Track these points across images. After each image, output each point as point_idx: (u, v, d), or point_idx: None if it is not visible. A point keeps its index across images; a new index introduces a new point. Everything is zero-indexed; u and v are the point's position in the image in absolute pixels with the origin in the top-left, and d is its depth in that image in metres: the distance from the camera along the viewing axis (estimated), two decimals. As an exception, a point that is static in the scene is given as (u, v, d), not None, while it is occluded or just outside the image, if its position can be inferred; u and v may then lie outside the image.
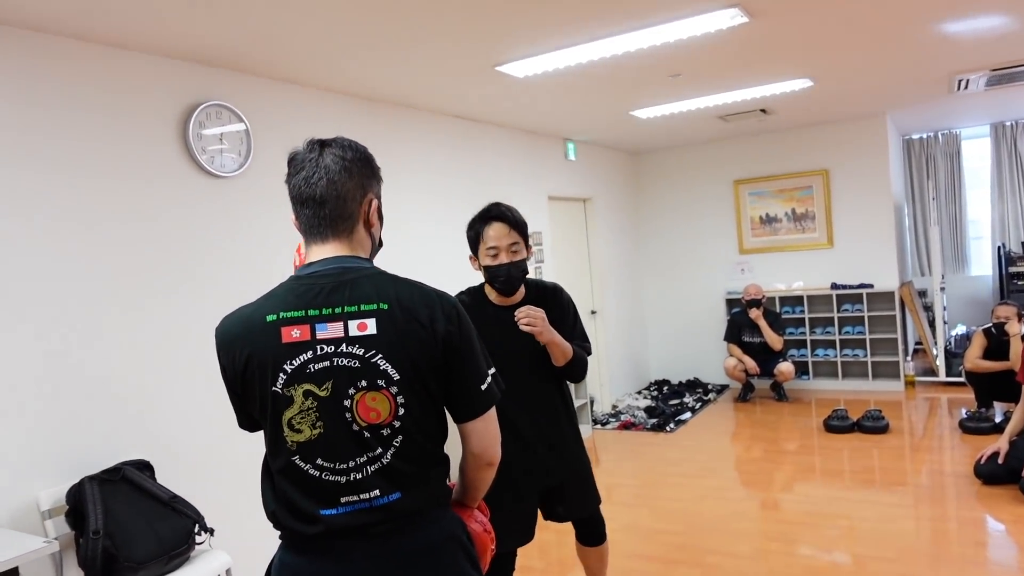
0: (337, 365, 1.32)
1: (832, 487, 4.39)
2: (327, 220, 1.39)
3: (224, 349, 1.37)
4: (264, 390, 1.33)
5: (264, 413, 1.36)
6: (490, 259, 2.34)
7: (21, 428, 2.71)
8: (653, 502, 4.40)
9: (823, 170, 7.11)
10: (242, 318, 1.37)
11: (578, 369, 2.42)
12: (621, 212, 7.65)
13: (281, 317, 1.33)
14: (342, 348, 1.32)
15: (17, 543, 2.37)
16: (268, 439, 1.37)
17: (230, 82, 3.56)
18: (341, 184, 1.38)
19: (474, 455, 1.47)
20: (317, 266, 1.38)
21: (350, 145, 1.43)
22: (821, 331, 7.13)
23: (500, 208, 2.36)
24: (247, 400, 1.38)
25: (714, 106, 5.62)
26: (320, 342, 1.32)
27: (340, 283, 1.35)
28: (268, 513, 1.39)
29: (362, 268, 1.39)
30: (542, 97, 4.80)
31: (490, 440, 1.46)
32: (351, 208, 1.40)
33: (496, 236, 2.33)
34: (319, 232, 1.40)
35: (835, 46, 4.17)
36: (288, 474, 1.35)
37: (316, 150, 1.40)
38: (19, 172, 2.74)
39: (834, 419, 5.61)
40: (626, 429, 6.26)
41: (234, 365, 1.36)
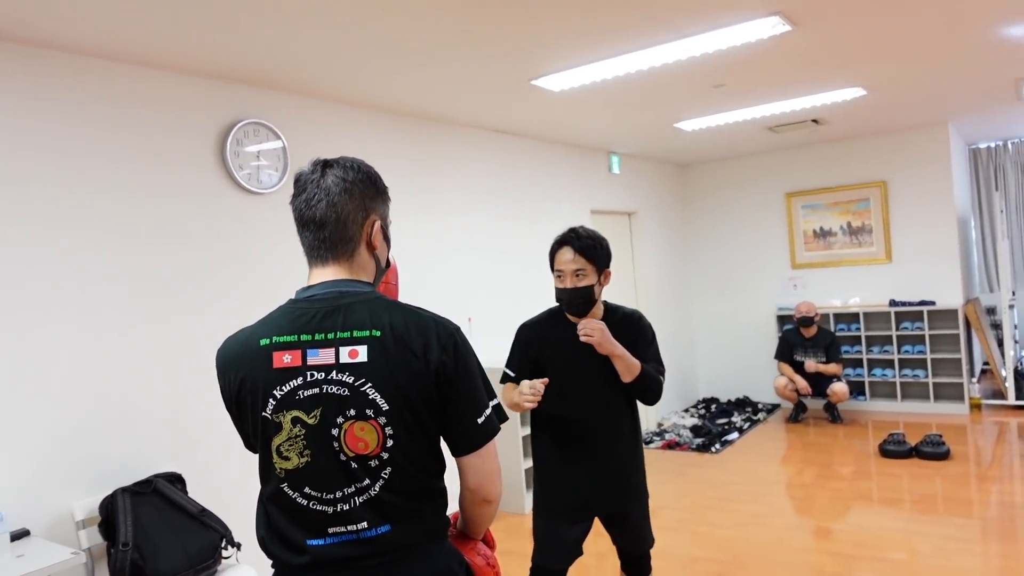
0: (326, 392, 1.28)
1: (888, 517, 4.15)
2: (327, 243, 1.36)
3: (221, 372, 1.36)
4: (255, 415, 1.32)
5: (256, 438, 1.34)
6: (557, 282, 2.39)
7: (58, 440, 2.78)
8: (694, 527, 4.25)
9: (881, 182, 6.82)
10: (239, 341, 1.36)
11: (649, 387, 2.38)
12: (668, 225, 7.50)
13: (274, 341, 1.31)
14: (332, 375, 1.28)
15: (48, 553, 2.42)
16: (260, 464, 1.36)
17: (267, 100, 3.62)
18: (341, 206, 1.35)
19: (470, 491, 1.40)
20: (315, 289, 1.36)
21: (352, 166, 1.38)
22: (879, 350, 6.82)
23: (573, 232, 2.38)
24: (242, 423, 1.37)
25: (762, 117, 5.45)
26: (311, 368, 1.29)
27: (334, 308, 1.32)
28: (258, 539, 1.37)
29: (359, 293, 1.35)
30: (582, 110, 4.74)
31: (486, 476, 1.39)
32: (352, 231, 1.36)
33: (563, 261, 2.36)
34: (319, 255, 1.37)
35: (887, 53, 3.99)
36: (277, 501, 1.33)
37: (319, 171, 1.37)
38: (64, 190, 2.83)
39: (890, 443, 5.34)
40: (670, 449, 6.09)
41: (229, 388, 1.35)
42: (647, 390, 2.38)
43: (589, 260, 2.35)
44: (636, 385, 2.36)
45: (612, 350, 2.30)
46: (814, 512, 4.33)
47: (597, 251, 2.37)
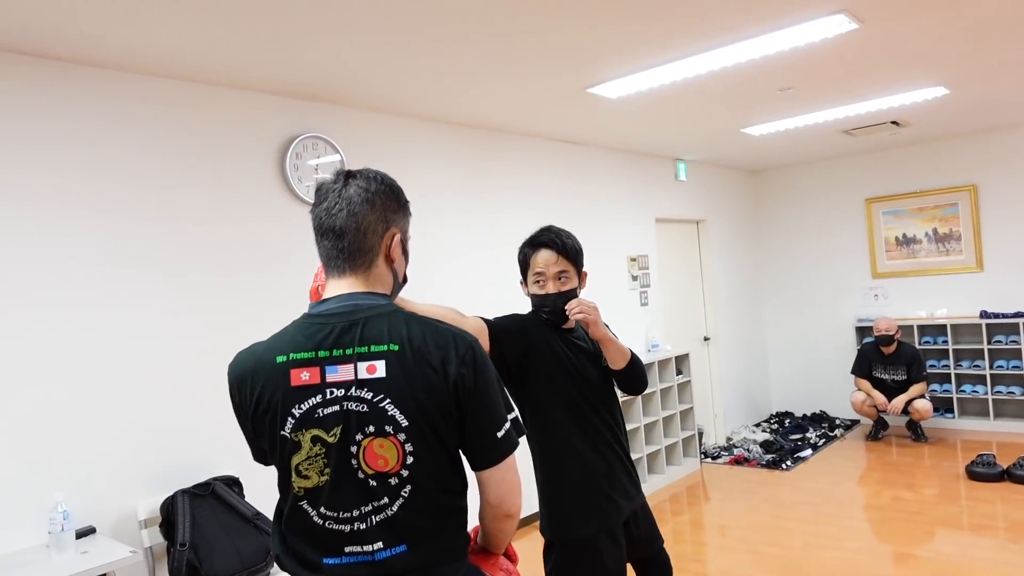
0: (346, 409, 1.26)
1: (976, 544, 3.86)
2: (345, 253, 1.34)
3: (236, 386, 1.34)
4: (273, 432, 1.30)
5: (274, 455, 1.32)
6: (537, 287, 2.22)
7: (126, 443, 2.92)
8: (758, 547, 4.07)
9: (970, 186, 6.40)
10: (254, 356, 1.33)
11: (638, 372, 2.29)
12: (738, 233, 7.27)
13: (291, 359, 1.29)
14: (351, 392, 1.26)
15: (110, 551, 2.53)
16: (279, 482, 1.35)
17: (325, 114, 3.71)
18: (362, 216, 1.33)
19: (491, 506, 1.38)
20: (330, 303, 1.33)
21: (375, 176, 1.38)
22: (968, 364, 6.38)
23: (550, 233, 2.23)
24: (258, 439, 1.35)
25: (835, 120, 5.22)
26: (330, 385, 1.27)
27: (351, 323, 1.29)
28: (274, 556, 1.36)
29: (376, 306, 1.32)
30: (643, 116, 4.65)
31: (507, 490, 1.36)
32: (371, 242, 1.35)
33: (543, 263, 2.20)
34: (337, 265, 1.35)
35: (966, 50, 3.74)
36: (294, 519, 1.32)
37: (341, 181, 1.36)
38: (131, 205, 2.98)
39: (979, 465, 4.98)
40: (738, 464, 5.88)
41: (245, 405, 1.33)
42: (636, 375, 2.28)
43: (571, 261, 2.21)
44: (627, 371, 2.25)
45: (606, 333, 2.20)
46: (892, 536, 4.07)
47: (578, 251, 2.24)
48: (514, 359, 2.16)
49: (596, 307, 2.16)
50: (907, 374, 6.06)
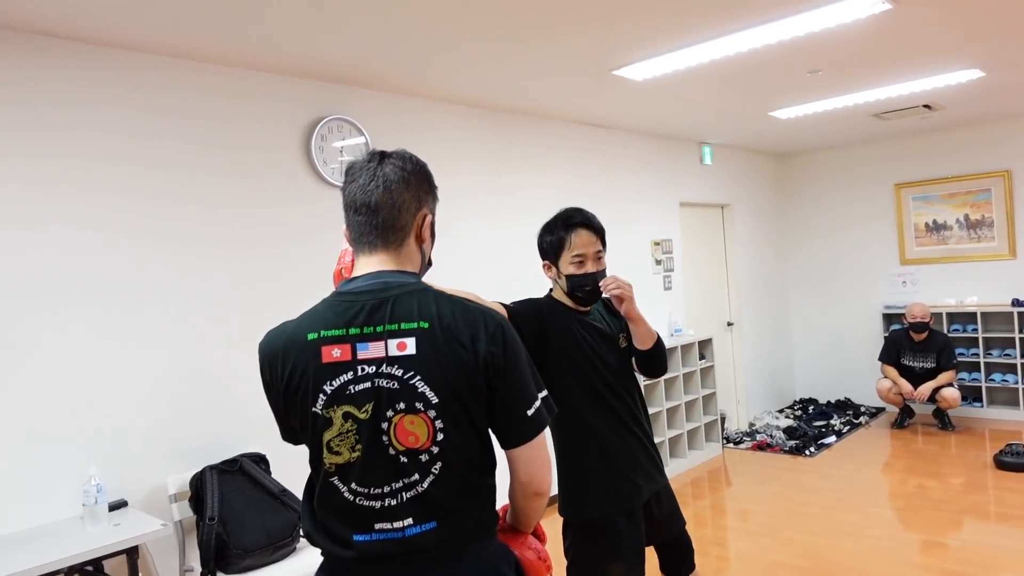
0: (377, 386, 1.27)
1: (1003, 534, 3.82)
2: (378, 229, 1.35)
3: (267, 364, 1.35)
4: (305, 410, 1.30)
5: (305, 433, 1.33)
6: (575, 267, 2.21)
7: (157, 420, 2.98)
8: (779, 532, 4.06)
9: (1004, 171, 6.26)
10: (284, 334, 1.34)
11: (662, 354, 2.32)
12: (763, 218, 7.19)
13: (322, 336, 1.29)
14: (383, 369, 1.27)
15: (141, 524, 2.60)
16: (310, 458, 1.35)
17: (350, 96, 3.72)
18: (398, 194, 1.35)
19: (521, 484, 1.39)
20: (360, 281, 1.34)
21: (410, 158, 1.40)
22: (999, 353, 6.27)
23: (584, 214, 2.25)
24: (289, 417, 1.36)
25: (866, 103, 5.12)
26: (361, 362, 1.27)
27: (382, 300, 1.30)
28: (304, 533, 1.37)
29: (405, 284, 1.33)
30: (668, 100, 4.60)
31: (538, 468, 1.37)
32: (405, 219, 1.36)
33: (584, 243, 2.21)
34: (368, 241, 1.36)
35: (1004, 30, 3.64)
36: (325, 495, 1.32)
37: (376, 160, 1.37)
38: (160, 185, 3.03)
39: (1008, 454, 4.91)
40: (760, 450, 5.85)
41: (277, 381, 1.33)
42: (659, 357, 2.31)
43: (603, 241, 2.26)
44: (652, 352, 2.28)
45: (638, 311, 2.24)
46: (917, 525, 4.04)
47: (605, 233, 2.30)
48: (532, 343, 2.16)
49: (631, 285, 2.20)
50: (936, 362, 5.98)
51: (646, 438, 2.34)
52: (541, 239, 2.32)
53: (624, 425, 2.28)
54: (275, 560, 2.88)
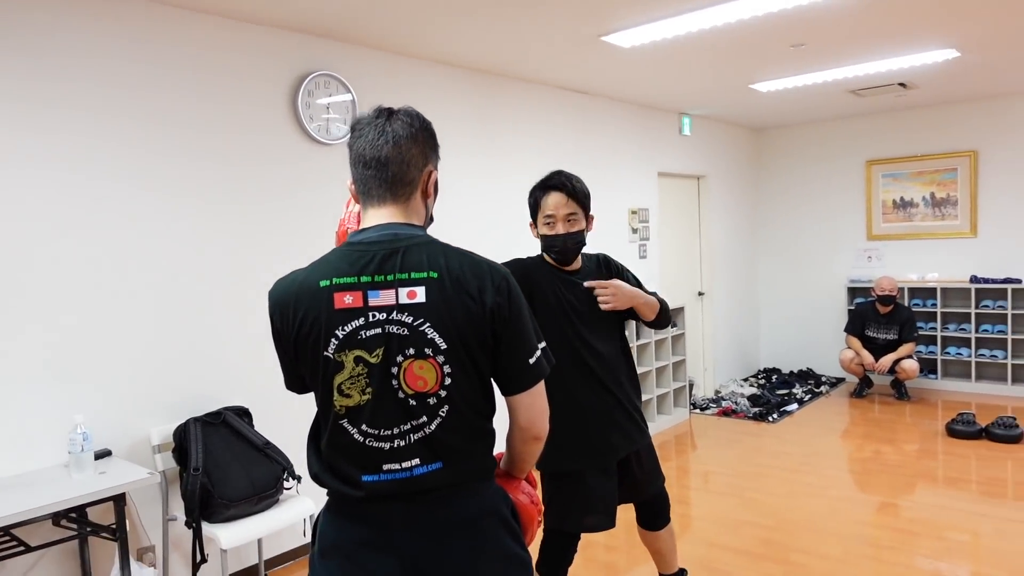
0: (387, 332, 1.33)
1: (951, 497, 4.04)
2: (387, 183, 1.39)
3: (279, 311, 1.38)
4: (316, 354, 1.35)
5: (316, 377, 1.37)
6: (547, 228, 2.31)
7: (141, 371, 2.99)
8: (744, 493, 4.24)
9: (971, 151, 6.45)
10: (296, 282, 1.38)
11: (666, 314, 2.46)
12: (738, 191, 7.30)
13: (334, 283, 1.34)
14: (393, 315, 1.33)
15: (128, 472, 2.62)
16: (319, 402, 1.40)
17: (338, 53, 3.68)
18: (406, 149, 1.39)
19: (521, 428, 1.46)
20: (370, 232, 1.38)
21: (417, 115, 1.44)
22: (955, 327, 6.53)
23: (561, 177, 2.32)
24: (299, 362, 1.40)
25: (844, 79, 5.21)
26: (372, 309, 1.33)
27: (392, 251, 1.35)
28: (311, 475, 1.43)
29: (414, 236, 1.38)
30: (653, 69, 4.63)
31: (537, 414, 1.45)
32: (412, 174, 1.41)
33: (554, 205, 2.29)
34: (377, 194, 1.40)
35: (982, 12, 3.74)
36: (335, 438, 1.37)
37: (384, 116, 1.41)
38: (143, 136, 2.98)
39: (959, 423, 5.15)
40: (726, 416, 6.04)
41: (288, 328, 1.37)
42: (664, 317, 2.45)
43: (580, 204, 2.31)
44: (659, 318, 2.43)
45: (633, 301, 2.33)
46: (873, 487, 4.25)
47: (586, 194, 2.35)
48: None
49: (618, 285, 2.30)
50: (899, 334, 6.21)
51: (625, 398, 2.42)
52: (529, 199, 2.40)
53: (601, 384, 2.36)
54: (259, 510, 2.93)
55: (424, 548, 1.34)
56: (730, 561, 3.37)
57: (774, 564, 3.32)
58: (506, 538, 1.42)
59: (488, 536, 1.39)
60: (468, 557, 1.36)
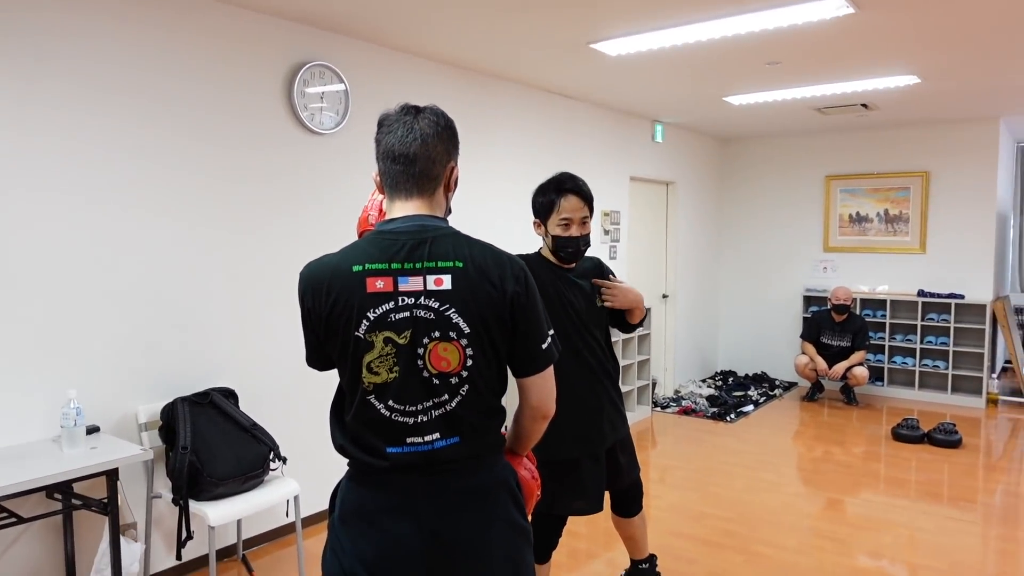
0: (415, 316, 1.43)
1: (894, 496, 4.31)
2: (415, 178, 1.49)
3: (311, 292, 1.47)
4: (347, 334, 1.44)
5: (344, 355, 1.46)
6: (561, 229, 2.40)
7: (128, 351, 3.01)
8: (705, 487, 4.44)
9: (923, 172, 6.80)
10: (329, 265, 1.47)
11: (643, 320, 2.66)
12: (704, 198, 7.55)
13: (366, 268, 1.44)
14: (420, 300, 1.43)
15: (118, 448, 2.65)
16: (347, 379, 1.49)
17: (334, 44, 3.73)
18: (433, 147, 1.49)
19: (531, 407, 1.58)
20: (399, 223, 1.48)
21: (442, 114, 1.54)
22: (902, 338, 6.89)
23: (576, 181, 2.43)
24: (328, 341, 1.48)
25: (812, 97, 5.47)
26: (401, 294, 1.43)
27: (420, 240, 1.45)
28: (336, 446, 1.52)
29: (440, 227, 1.49)
30: (634, 77, 4.79)
31: (547, 394, 1.57)
32: (437, 170, 1.51)
33: (571, 208, 2.39)
34: (405, 188, 1.50)
35: (946, 44, 4.00)
36: (362, 412, 1.47)
37: (412, 114, 1.50)
38: (139, 118, 3.00)
39: (903, 428, 5.46)
40: (686, 415, 6.27)
41: (320, 308, 1.46)
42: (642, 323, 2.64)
43: (591, 208, 2.45)
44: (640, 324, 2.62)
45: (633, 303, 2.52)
46: (823, 485, 4.49)
47: (593, 199, 2.48)
48: None
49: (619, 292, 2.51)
50: (852, 341, 6.52)
51: (614, 390, 2.57)
52: (535, 199, 2.49)
53: (595, 377, 2.51)
54: (246, 489, 2.98)
55: (440, 514, 1.46)
56: (693, 549, 3.55)
57: (735, 553, 3.51)
58: (512, 508, 1.54)
59: (498, 505, 1.51)
60: (479, 523, 1.48)
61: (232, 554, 3.42)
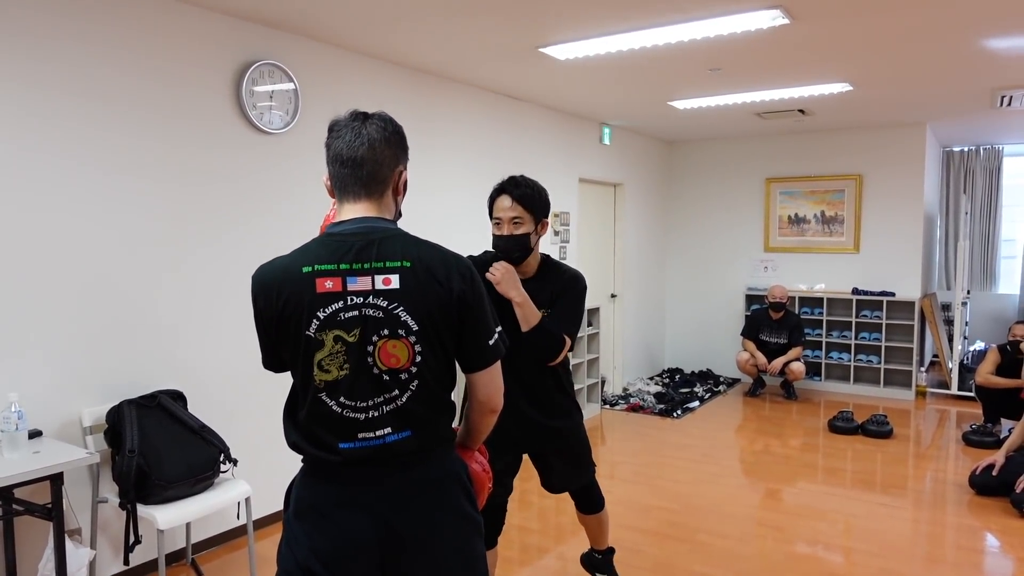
0: (364, 315, 1.47)
1: (830, 485, 4.51)
2: (362, 181, 1.54)
3: (263, 294, 1.51)
4: (298, 333, 1.48)
5: (296, 354, 1.51)
6: (496, 228, 2.46)
7: (71, 352, 2.95)
8: (652, 481, 4.56)
9: (857, 175, 7.11)
10: (280, 267, 1.52)
11: (542, 340, 2.39)
12: (651, 200, 7.73)
13: (316, 269, 1.48)
14: (369, 300, 1.48)
15: (62, 452, 2.60)
16: (299, 378, 1.53)
17: (283, 42, 3.72)
18: (380, 151, 1.54)
19: (480, 402, 1.63)
20: (348, 225, 1.53)
21: (390, 120, 1.59)
22: (838, 334, 7.19)
23: (512, 181, 2.45)
24: (280, 342, 1.53)
25: (752, 102, 5.66)
26: (350, 293, 1.47)
27: (369, 241, 1.50)
28: (290, 443, 1.56)
29: (388, 229, 1.54)
30: (582, 81, 4.90)
31: (494, 389, 1.63)
32: (385, 173, 1.56)
33: (500, 208, 2.43)
34: (353, 191, 1.55)
35: (876, 53, 4.21)
36: (314, 409, 1.51)
37: (360, 120, 1.55)
38: (85, 118, 2.94)
39: (839, 420, 5.71)
40: (634, 411, 6.42)
41: (272, 309, 1.50)
42: (540, 343, 2.39)
43: (527, 209, 2.40)
44: (531, 336, 2.37)
45: (509, 293, 2.35)
46: (764, 476, 4.67)
47: (535, 200, 2.41)
48: None
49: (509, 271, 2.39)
50: (788, 338, 6.77)
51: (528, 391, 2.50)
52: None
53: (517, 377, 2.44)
54: (196, 492, 2.95)
55: (393, 506, 1.50)
56: (640, 540, 3.66)
57: (680, 543, 3.63)
58: (463, 500, 1.58)
59: (448, 496, 1.56)
60: (430, 514, 1.52)
61: (181, 558, 3.38)
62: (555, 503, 4.18)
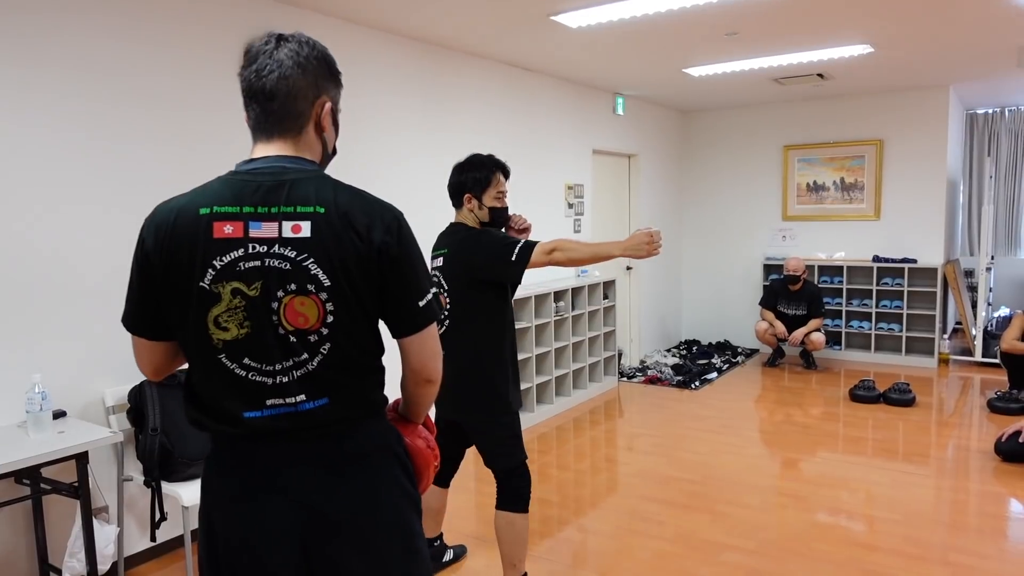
0: (268, 266, 1.28)
1: (852, 454, 4.48)
2: (275, 116, 1.34)
3: (151, 237, 1.31)
4: (190, 285, 1.29)
5: (186, 311, 1.31)
6: (498, 203, 2.68)
7: (93, 334, 2.97)
8: (671, 452, 4.56)
9: (877, 140, 6.97)
10: (173, 209, 1.31)
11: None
12: (666, 170, 7.63)
13: (215, 211, 1.29)
14: (274, 249, 1.28)
15: (87, 431, 2.63)
16: (192, 340, 1.32)
17: (288, 17, 3.67)
18: (293, 80, 1.32)
19: (413, 371, 1.43)
20: (258, 163, 1.33)
21: (308, 42, 1.35)
22: (858, 303, 7.10)
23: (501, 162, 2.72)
24: (167, 295, 1.32)
25: (769, 68, 5.55)
26: (253, 240, 1.28)
27: (279, 183, 1.31)
28: (191, 420, 1.36)
29: (304, 169, 1.34)
30: (595, 49, 4.81)
31: (429, 356, 1.42)
32: (301, 107, 1.34)
33: (504, 184, 2.71)
34: (265, 129, 1.35)
35: (898, 13, 4.09)
36: (214, 374, 1.31)
37: (272, 42, 1.32)
38: (88, 100, 2.93)
39: (860, 389, 5.66)
40: (651, 384, 6.40)
41: (160, 253, 1.30)
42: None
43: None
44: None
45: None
46: (784, 446, 4.65)
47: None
48: None
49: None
50: (807, 309, 6.70)
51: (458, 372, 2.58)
52: (467, 175, 2.65)
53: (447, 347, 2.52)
54: (219, 469, 2.98)
55: (316, 485, 1.33)
56: (661, 511, 3.66)
57: (700, 514, 3.63)
58: (400, 474, 1.42)
59: (381, 470, 1.39)
60: (360, 492, 1.36)
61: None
62: (574, 476, 4.19)
